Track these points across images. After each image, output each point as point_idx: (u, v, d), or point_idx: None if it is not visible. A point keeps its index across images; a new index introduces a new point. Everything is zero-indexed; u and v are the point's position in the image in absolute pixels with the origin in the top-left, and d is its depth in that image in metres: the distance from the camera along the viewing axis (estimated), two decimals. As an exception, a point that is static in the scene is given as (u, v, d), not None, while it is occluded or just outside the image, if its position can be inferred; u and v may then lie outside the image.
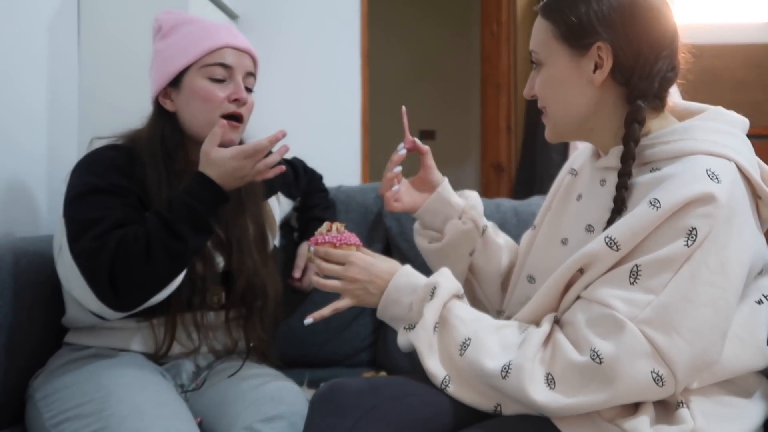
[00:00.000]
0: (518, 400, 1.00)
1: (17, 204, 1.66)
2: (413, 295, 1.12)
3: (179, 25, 1.45)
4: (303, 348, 1.82)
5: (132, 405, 1.18)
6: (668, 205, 0.95)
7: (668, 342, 0.93)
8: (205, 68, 1.40)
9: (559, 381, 0.97)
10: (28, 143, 1.72)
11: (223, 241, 1.45)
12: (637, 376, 0.93)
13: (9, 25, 1.63)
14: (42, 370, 1.37)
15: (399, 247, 1.83)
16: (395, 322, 1.15)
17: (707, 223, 0.94)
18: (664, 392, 0.95)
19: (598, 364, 0.93)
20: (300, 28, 2.54)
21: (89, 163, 1.38)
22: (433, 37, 5.24)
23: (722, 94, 3.74)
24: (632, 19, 1.06)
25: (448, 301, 1.11)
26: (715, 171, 0.97)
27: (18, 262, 1.39)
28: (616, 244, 0.98)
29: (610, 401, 0.95)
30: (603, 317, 0.96)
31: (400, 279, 1.15)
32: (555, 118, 1.14)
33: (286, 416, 1.22)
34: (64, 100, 1.88)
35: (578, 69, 1.09)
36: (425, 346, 1.08)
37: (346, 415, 0.99)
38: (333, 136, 2.55)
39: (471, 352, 1.04)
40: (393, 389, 1.05)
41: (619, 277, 0.97)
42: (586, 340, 0.96)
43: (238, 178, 1.31)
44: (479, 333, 1.05)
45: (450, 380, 1.06)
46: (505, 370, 0.99)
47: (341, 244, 1.20)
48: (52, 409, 1.25)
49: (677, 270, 0.94)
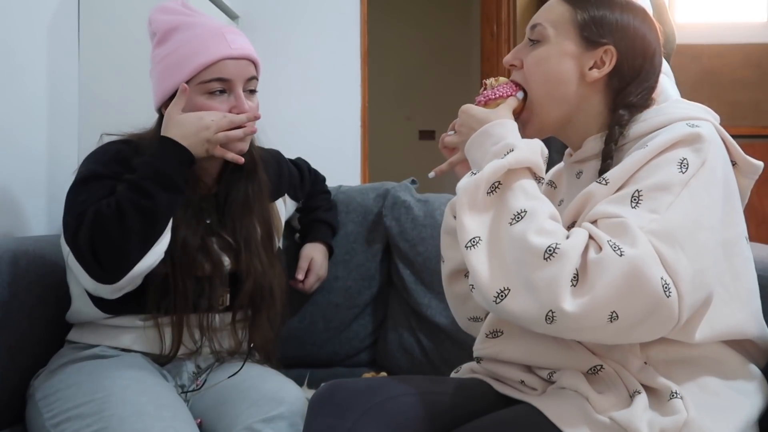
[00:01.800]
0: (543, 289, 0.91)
1: (17, 204, 1.66)
2: (493, 146, 1.05)
3: (173, 30, 1.40)
4: (303, 348, 1.82)
5: (132, 406, 1.18)
6: (656, 145, 0.99)
7: (672, 254, 0.93)
8: (202, 84, 1.36)
9: (582, 274, 0.92)
10: (28, 143, 1.72)
11: (230, 243, 1.44)
12: (652, 277, 0.90)
13: (9, 25, 1.63)
14: (43, 370, 1.37)
15: (399, 247, 1.83)
16: (473, 165, 1.09)
17: (698, 156, 0.98)
18: (671, 305, 0.91)
19: (619, 256, 0.91)
20: (300, 28, 2.54)
21: (96, 154, 1.40)
22: (434, 37, 5.24)
23: (722, 94, 3.75)
24: (644, 41, 1.12)
25: (516, 169, 1.01)
26: (695, 123, 1.02)
27: (18, 262, 1.39)
28: (605, 179, 1.00)
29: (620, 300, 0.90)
30: (614, 225, 0.95)
31: (495, 128, 1.07)
32: (540, 106, 1.13)
33: (286, 416, 1.22)
34: (64, 100, 1.88)
35: (578, 59, 1.11)
36: (468, 198, 1.00)
37: (345, 416, 1.00)
38: (333, 136, 2.56)
39: (521, 225, 0.96)
40: (391, 389, 1.05)
41: (620, 201, 0.98)
42: (602, 239, 0.93)
43: (200, 141, 1.32)
44: (537, 209, 0.98)
45: (477, 242, 0.98)
46: (550, 251, 0.92)
47: (488, 100, 1.15)
48: (53, 409, 1.25)
49: (678, 194, 0.96)
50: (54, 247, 1.50)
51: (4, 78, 1.61)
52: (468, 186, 1.00)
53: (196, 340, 1.40)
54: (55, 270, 1.46)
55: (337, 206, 1.86)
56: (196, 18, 1.43)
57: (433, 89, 5.16)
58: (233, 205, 1.46)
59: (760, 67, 3.80)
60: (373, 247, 1.86)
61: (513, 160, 1.00)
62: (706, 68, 3.75)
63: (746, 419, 1.02)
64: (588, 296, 0.90)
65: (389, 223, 1.83)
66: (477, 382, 1.17)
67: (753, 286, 1.08)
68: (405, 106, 5.35)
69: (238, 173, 1.47)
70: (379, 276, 1.86)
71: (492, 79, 1.18)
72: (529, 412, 1.01)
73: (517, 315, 0.95)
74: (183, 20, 1.41)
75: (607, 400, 0.99)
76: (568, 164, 1.20)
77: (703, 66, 3.73)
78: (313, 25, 2.55)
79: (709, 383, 1.02)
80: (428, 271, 1.79)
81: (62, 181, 1.87)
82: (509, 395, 1.10)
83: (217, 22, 1.46)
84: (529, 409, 1.02)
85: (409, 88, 5.26)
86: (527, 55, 1.14)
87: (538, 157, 1.03)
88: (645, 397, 0.99)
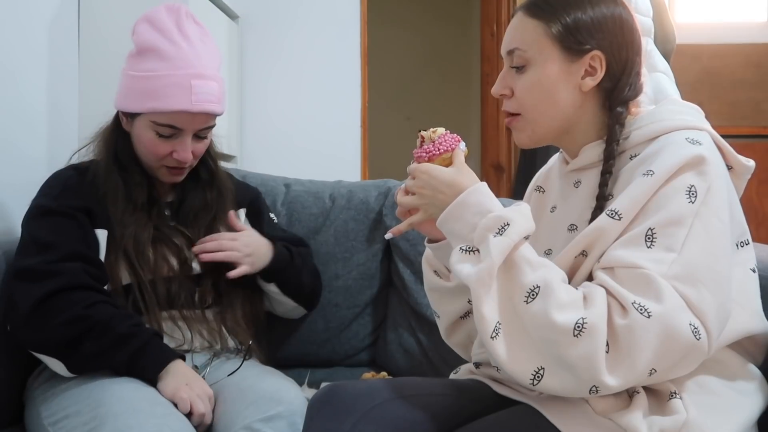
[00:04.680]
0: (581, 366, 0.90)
1: (17, 205, 1.65)
2: (480, 218, 0.99)
3: (149, 52, 1.40)
4: (303, 348, 1.82)
5: (127, 403, 1.19)
6: (662, 172, 0.98)
7: (697, 295, 0.93)
8: (154, 123, 1.39)
9: (613, 342, 0.92)
10: (27, 144, 1.72)
11: (193, 241, 1.48)
12: (683, 329, 0.91)
13: (9, 25, 1.63)
14: (41, 369, 1.37)
15: (399, 247, 1.83)
16: (452, 238, 1.04)
17: (704, 180, 0.97)
18: (702, 346, 0.93)
19: (647, 318, 0.90)
20: (300, 28, 2.54)
21: (47, 186, 1.44)
22: (433, 37, 5.24)
23: (722, 93, 3.75)
24: (621, 29, 1.10)
25: (519, 243, 0.97)
26: (695, 138, 1.01)
27: (18, 262, 1.38)
28: (617, 213, 0.98)
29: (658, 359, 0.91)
30: (634, 277, 0.94)
31: (471, 197, 1.01)
32: (537, 123, 1.11)
33: (285, 416, 1.22)
34: (64, 101, 1.88)
35: (568, 73, 1.09)
36: (484, 288, 0.94)
37: (344, 418, 0.99)
38: (333, 136, 2.55)
39: (539, 302, 0.93)
40: (390, 391, 1.05)
41: (634, 242, 0.97)
42: (626, 299, 0.92)
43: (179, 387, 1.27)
44: (549, 281, 0.94)
45: (500, 329, 0.94)
46: (578, 328, 0.90)
47: (431, 156, 1.09)
48: (51, 407, 1.26)
49: (690, 226, 0.95)
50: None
51: (4, 78, 1.61)
52: (482, 277, 0.95)
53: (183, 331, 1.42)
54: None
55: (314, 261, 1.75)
56: (177, 47, 1.40)
57: (433, 90, 5.15)
58: (191, 209, 1.50)
59: (760, 67, 3.79)
60: (374, 246, 1.86)
61: (516, 236, 0.96)
62: (706, 68, 3.74)
63: (746, 419, 1.02)
64: (626, 365, 0.91)
65: (390, 222, 1.83)
66: (476, 383, 1.17)
67: (754, 285, 1.08)
68: (405, 106, 5.34)
69: (193, 182, 1.52)
70: (379, 275, 1.86)
71: (430, 131, 1.12)
72: (529, 413, 1.01)
73: (559, 391, 0.96)
74: (162, 46, 1.40)
75: (606, 400, 0.98)
76: (564, 172, 1.18)
77: (703, 66, 3.73)
78: (313, 25, 2.55)
79: (709, 383, 1.02)
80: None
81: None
82: (508, 396, 1.10)
83: (195, 60, 1.40)
84: (528, 410, 1.02)
85: (409, 89, 5.25)
86: (516, 83, 1.11)
87: (532, 222, 1.01)
88: (644, 397, 0.98)
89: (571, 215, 1.14)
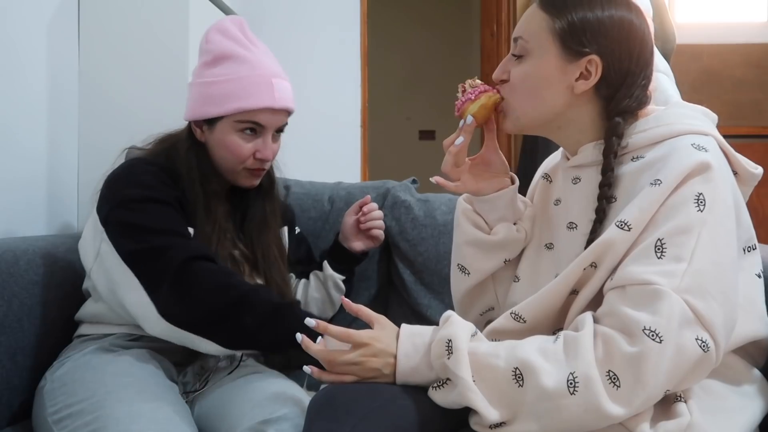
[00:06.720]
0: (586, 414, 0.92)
1: (17, 204, 1.66)
2: (427, 356, 1.03)
3: (226, 59, 1.43)
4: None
5: (129, 406, 1.19)
6: (669, 180, 0.97)
7: (706, 307, 0.93)
8: (238, 123, 1.42)
9: (622, 375, 0.93)
10: (28, 142, 1.72)
11: (248, 255, 1.50)
12: (692, 345, 0.92)
13: (9, 25, 1.63)
14: (56, 363, 1.37)
15: (399, 247, 1.83)
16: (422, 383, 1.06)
17: (711, 187, 0.97)
18: (710, 357, 0.93)
19: (659, 344, 0.91)
20: (300, 28, 2.54)
21: (137, 174, 1.39)
22: (434, 37, 5.24)
23: (722, 93, 3.75)
24: (627, 38, 1.08)
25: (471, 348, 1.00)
26: (700, 143, 1.00)
27: (18, 261, 1.39)
28: (627, 224, 0.98)
29: (669, 381, 0.92)
30: (644, 294, 0.94)
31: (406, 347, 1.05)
32: (520, 112, 1.13)
33: (290, 418, 1.22)
34: (64, 100, 1.88)
35: (563, 72, 1.09)
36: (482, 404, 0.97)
37: (344, 420, 0.99)
38: (333, 136, 2.56)
39: (527, 380, 0.95)
40: (389, 393, 1.04)
41: (644, 255, 0.97)
42: (637, 326, 0.93)
43: None
44: (521, 357, 0.96)
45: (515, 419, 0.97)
46: (571, 384, 0.92)
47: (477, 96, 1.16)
48: (57, 403, 1.25)
49: (698, 235, 0.95)
50: (54, 246, 1.50)
51: (5, 77, 1.61)
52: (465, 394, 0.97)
53: None
54: (54, 270, 1.46)
55: None
56: (252, 53, 1.45)
57: (433, 89, 5.16)
58: (252, 221, 1.53)
59: (760, 67, 3.79)
60: (374, 247, 1.85)
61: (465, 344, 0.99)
62: (706, 68, 3.74)
63: (750, 422, 1.02)
64: (638, 393, 0.92)
65: (389, 222, 1.83)
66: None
67: (759, 290, 1.08)
68: (405, 106, 5.35)
69: (254, 191, 1.53)
70: (379, 276, 1.86)
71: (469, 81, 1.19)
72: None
73: None
74: (238, 52, 1.44)
75: None
76: (564, 167, 1.19)
77: (703, 66, 3.73)
78: (314, 25, 2.55)
79: (713, 387, 1.02)
80: (428, 272, 1.79)
81: (62, 180, 1.87)
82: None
83: (269, 63, 1.47)
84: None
85: (409, 88, 5.26)
86: (512, 70, 1.13)
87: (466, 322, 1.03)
88: None
89: (570, 213, 1.14)
